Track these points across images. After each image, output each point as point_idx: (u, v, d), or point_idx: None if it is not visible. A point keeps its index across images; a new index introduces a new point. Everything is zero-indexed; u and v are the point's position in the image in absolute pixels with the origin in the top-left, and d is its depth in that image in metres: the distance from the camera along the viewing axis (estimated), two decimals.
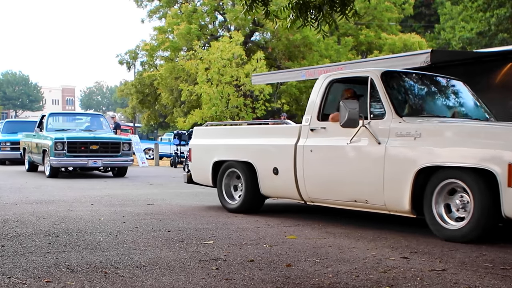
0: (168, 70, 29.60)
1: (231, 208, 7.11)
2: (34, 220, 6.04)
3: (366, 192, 5.64)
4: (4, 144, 19.28)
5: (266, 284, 3.55)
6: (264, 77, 16.31)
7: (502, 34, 26.67)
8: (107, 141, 13.52)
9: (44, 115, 14.94)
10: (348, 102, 5.55)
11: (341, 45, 29.62)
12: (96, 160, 13.13)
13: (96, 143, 13.27)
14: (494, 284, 3.62)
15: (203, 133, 7.99)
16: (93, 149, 13.17)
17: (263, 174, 6.72)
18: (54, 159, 12.67)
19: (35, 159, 14.42)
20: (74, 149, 12.94)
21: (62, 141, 12.80)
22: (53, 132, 13.78)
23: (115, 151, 13.43)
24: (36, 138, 14.41)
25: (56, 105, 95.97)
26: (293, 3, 6.44)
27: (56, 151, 12.66)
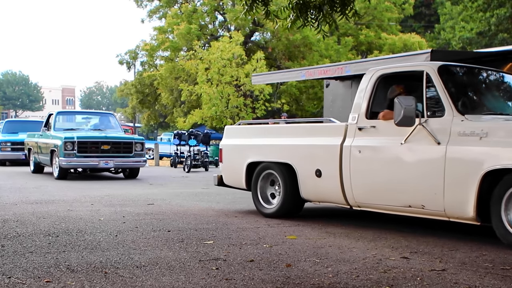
0: (168, 70, 29.62)
1: (267, 213, 6.66)
2: (34, 220, 6.04)
3: (423, 197, 5.17)
4: (5, 145, 18.67)
5: (266, 284, 3.55)
6: (264, 77, 16.32)
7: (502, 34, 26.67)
8: (119, 141, 12.80)
9: (51, 113, 14.27)
10: (404, 99, 5.10)
11: (341, 45, 29.64)
12: (107, 160, 12.44)
13: (108, 143, 12.55)
14: (494, 284, 3.62)
15: (235, 132, 7.50)
16: (105, 149, 12.47)
17: (304, 176, 6.25)
18: (64, 159, 12.05)
19: (42, 160, 13.82)
20: (85, 149, 12.29)
21: (72, 141, 12.16)
22: (62, 131, 13.17)
23: (127, 152, 12.74)
24: (43, 138, 13.79)
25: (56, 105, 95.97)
26: (293, 3, 6.45)
27: (65, 151, 12.04)
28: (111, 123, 14.62)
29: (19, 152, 17.95)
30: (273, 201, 6.75)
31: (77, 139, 12.22)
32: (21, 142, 17.86)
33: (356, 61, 15.32)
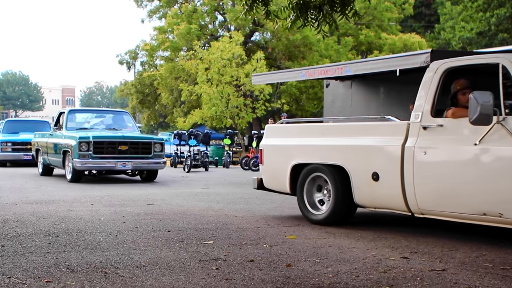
0: (168, 70, 29.61)
1: (315, 219, 6.14)
2: (34, 220, 6.04)
3: (501, 205, 4.66)
4: (5, 145, 17.96)
5: (266, 284, 3.55)
6: (264, 77, 16.29)
7: (502, 34, 26.67)
8: (138, 141, 12.03)
9: (63, 112, 13.41)
10: (480, 94, 4.62)
11: (341, 45, 29.64)
12: (125, 162, 11.61)
13: (125, 143, 11.73)
14: (494, 284, 3.62)
15: (278, 131, 6.96)
16: (122, 149, 11.65)
17: (359, 180, 5.69)
18: (78, 161, 11.26)
19: (52, 162, 12.95)
20: (101, 150, 11.51)
21: (87, 141, 11.38)
22: (75, 131, 12.32)
23: (146, 152, 11.94)
24: (54, 138, 12.91)
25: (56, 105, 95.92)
26: (293, 3, 6.45)
27: (80, 152, 11.25)
28: (126, 122, 13.65)
29: (20, 153, 17.63)
30: (322, 207, 6.20)
31: (93, 139, 11.45)
32: (22, 142, 17.58)
33: (356, 61, 15.28)
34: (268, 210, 7.26)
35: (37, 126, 19.15)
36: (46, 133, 14.28)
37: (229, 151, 19.97)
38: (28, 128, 18.73)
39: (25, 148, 17.50)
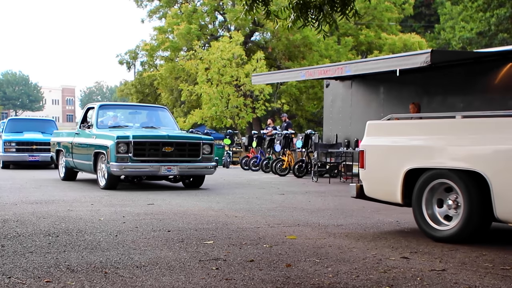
0: (168, 70, 29.62)
1: (439, 236, 5.11)
2: (34, 220, 6.04)
3: None
4: (9, 145, 16.52)
5: (266, 284, 3.55)
6: (264, 77, 16.37)
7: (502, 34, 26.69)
8: (185, 141, 10.41)
9: (91, 107, 11.68)
10: None
11: (341, 45, 29.65)
12: (170, 166, 9.96)
13: (170, 144, 10.07)
14: (494, 284, 3.62)
15: (385, 129, 5.84)
16: (166, 151, 10.01)
17: (502, 189, 4.63)
18: (116, 165, 9.65)
19: (78, 165, 11.32)
20: (142, 152, 9.88)
21: (127, 141, 9.74)
22: (108, 129, 10.77)
23: (194, 155, 10.34)
24: (81, 137, 11.25)
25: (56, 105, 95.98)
26: (293, 3, 6.44)
27: (118, 155, 9.65)
28: (164, 118, 11.82)
29: (25, 153, 16.50)
30: (444, 220, 5.18)
31: (133, 138, 9.79)
32: (28, 142, 16.61)
33: (356, 61, 15.37)
34: (268, 210, 7.26)
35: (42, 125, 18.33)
36: (71, 132, 12.57)
37: (229, 151, 19.98)
38: (32, 127, 17.80)
39: (30, 149, 16.56)
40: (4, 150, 16.49)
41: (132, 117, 11.97)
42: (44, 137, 16.54)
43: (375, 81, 13.34)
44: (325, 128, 15.34)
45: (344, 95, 14.43)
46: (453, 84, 11.23)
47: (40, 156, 16.34)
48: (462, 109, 11.01)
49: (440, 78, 11.55)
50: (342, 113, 14.45)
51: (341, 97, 14.52)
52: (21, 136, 16.86)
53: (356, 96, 14.02)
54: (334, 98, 14.80)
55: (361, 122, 13.60)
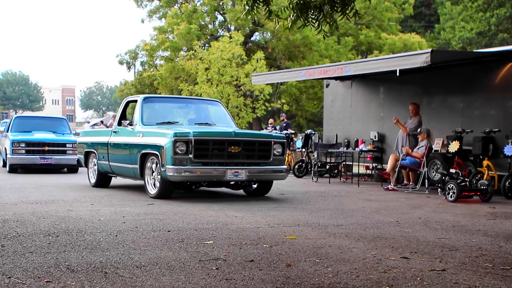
0: (168, 70, 29.61)
1: None
2: (34, 220, 6.04)
3: None
4: (18, 146, 14.33)
5: (266, 284, 3.55)
6: (264, 77, 16.37)
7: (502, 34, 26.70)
8: (254, 139, 8.71)
9: (132, 100, 10.24)
10: None
11: (341, 45, 29.64)
12: (238, 170, 8.30)
13: (237, 143, 8.43)
14: (494, 284, 3.62)
15: None
16: (233, 152, 8.36)
17: None
18: (173, 168, 7.98)
19: (117, 169, 9.73)
20: (205, 153, 8.23)
21: (186, 139, 8.10)
22: (156, 126, 9.14)
23: (264, 156, 8.68)
24: (122, 135, 9.63)
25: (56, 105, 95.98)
26: (293, 3, 6.44)
27: (176, 156, 8.02)
28: (218, 114, 10.31)
29: (36, 156, 14.35)
30: None
31: (194, 136, 8.16)
32: (39, 142, 14.52)
33: (356, 61, 15.36)
34: (268, 210, 7.26)
35: (53, 123, 16.31)
36: (106, 130, 11.19)
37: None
38: (42, 125, 15.75)
39: (41, 150, 14.42)
40: (12, 152, 14.30)
41: (181, 112, 10.37)
42: (57, 137, 14.95)
43: (375, 81, 13.34)
44: (325, 128, 15.35)
45: (344, 95, 14.43)
46: (453, 84, 11.23)
47: (53, 159, 14.40)
48: (462, 109, 11.01)
49: (440, 78, 11.55)
50: (342, 113, 14.45)
51: (341, 97, 14.52)
52: (30, 136, 14.82)
53: (356, 96, 14.03)
54: (334, 98, 14.81)
55: (361, 122, 13.67)
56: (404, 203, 8.49)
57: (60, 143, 14.58)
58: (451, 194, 8.73)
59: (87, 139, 11.26)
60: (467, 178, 9.14)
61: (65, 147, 14.63)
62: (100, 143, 10.40)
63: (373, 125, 13.23)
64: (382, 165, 12.64)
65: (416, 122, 11.18)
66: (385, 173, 11.35)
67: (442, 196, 9.17)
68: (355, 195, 9.54)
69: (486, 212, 7.51)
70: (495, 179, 9.67)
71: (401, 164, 10.75)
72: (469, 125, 10.46)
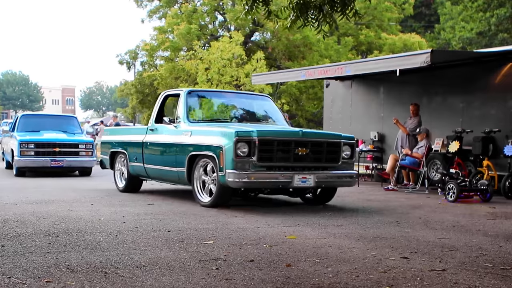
0: (168, 70, 29.60)
1: None
2: (34, 220, 6.04)
3: None
4: (26, 147, 13.04)
5: (266, 284, 3.55)
6: (264, 77, 16.36)
7: (502, 34, 26.70)
8: (322, 140, 7.63)
9: (173, 94, 9.12)
10: None
11: (341, 45, 29.64)
12: (305, 175, 7.26)
13: (305, 144, 7.36)
14: (494, 284, 3.62)
15: None
16: (300, 154, 7.31)
17: None
18: (234, 173, 6.93)
19: (155, 172, 8.67)
20: (269, 155, 7.16)
21: (249, 139, 7.04)
22: (205, 123, 8.29)
23: (332, 159, 7.63)
24: (162, 134, 8.56)
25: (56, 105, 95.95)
26: (293, 3, 6.44)
27: (238, 159, 6.96)
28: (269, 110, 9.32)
29: (46, 158, 13.12)
30: None
31: (259, 136, 7.08)
32: (49, 143, 13.30)
33: (356, 61, 15.35)
34: (268, 210, 7.26)
35: (62, 122, 15.15)
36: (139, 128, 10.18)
37: None
38: (50, 125, 14.55)
39: (52, 152, 13.21)
40: (20, 154, 12.97)
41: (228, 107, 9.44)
42: (69, 137, 13.82)
43: (375, 81, 13.33)
44: (325, 128, 15.34)
45: (344, 95, 14.43)
46: (453, 84, 11.23)
47: (65, 161, 13.21)
48: (462, 109, 11.01)
49: (440, 78, 11.55)
50: (342, 113, 14.45)
51: (341, 97, 14.52)
52: (40, 136, 13.61)
53: (356, 96, 14.02)
54: (334, 98, 14.81)
55: (361, 122, 13.66)
56: (404, 203, 8.49)
57: (73, 143, 13.52)
58: (451, 194, 8.73)
59: (113, 137, 10.12)
60: (467, 178, 9.15)
61: (77, 148, 13.48)
62: (131, 142, 9.30)
63: (373, 125, 13.22)
64: (382, 165, 12.64)
65: (416, 122, 11.19)
66: (385, 173, 11.36)
67: (442, 196, 9.16)
68: (355, 195, 9.55)
69: (486, 212, 7.52)
70: (495, 179, 9.66)
71: (400, 164, 10.76)
72: (469, 125, 10.45)
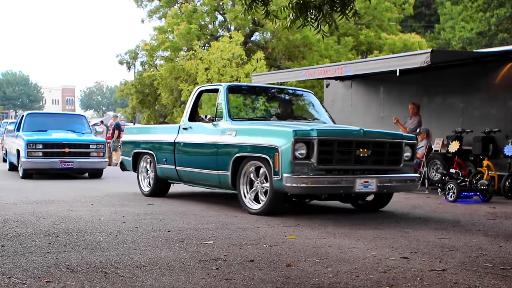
0: (168, 70, 29.61)
1: None
2: (34, 220, 6.04)
3: None
4: (33, 147, 12.25)
5: (266, 284, 3.55)
6: (264, 77, 16.37)
7: (502, 34, 26.70)
8: (384, 140, 6.91)
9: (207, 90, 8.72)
10: None
11: (341, 45, 29.64)
12: (367, 179, 6.54)
13: (366, 145, 6.66)
14: (494, 284, 3.62)
15: None
16: (361, 156, 6.62)
17: None
18: (291, 178, 6.22)
19: (190, 175, 7.99)
20: (329, 157, 6.47)
21: (308, 139, 6.35)
22: (248, 122, 7.82)
23: (393, 161, 6.97)
24: (199, 133, 7.89)
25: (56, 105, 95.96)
26: (293, 3, 6.43)
27: (297, 161, 6.26)
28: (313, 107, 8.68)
29: (55, 159, 12.29)
30: None
31: (319, 135, 6.37)
32: (58, 144, 12.47)
33: (356, 61, 15.36)
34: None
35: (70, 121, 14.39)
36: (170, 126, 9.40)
37: None
38: (58, 124, 13.75)
39: (61, 153, 12.39)
40: (27, 155, 12.15)
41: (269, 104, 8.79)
42: (79, 137, 13.07)
43: (375, 81, 13.33)
44: None
45: (344, 95, 14.43)
46: (453, 84, 11.22)
47: (75, 163, 12.41)
48: (462, 109, 11.01)
49: (440, 78, 11.54)
50: (342, 113, 14.44)
51: (341, 97, 14.52)
52: (48, 136, 12.82)
53: (356, 96, 14.02)
54: (334, 98, 14.80)
55: (361, 122, 13.64)
56: (404, 203, 8.49)
57: (83, 144, 12.72)
58: (451, 194, 8.73)
59: (137, 137, 9.33)
60: (467, 178, 9.15)
61: (88, 149, 12.67)
62: (160, 142, 8.56)
63: (373, 125, 13.20)
64: None
65: (416, 122, 11.18)
66: None
67: (442, 196, 9.16)
68: None
69: (486, 212, 7.51)
70: (495, 179, 9.66)
71: None
72: (469, 125, 10.45)
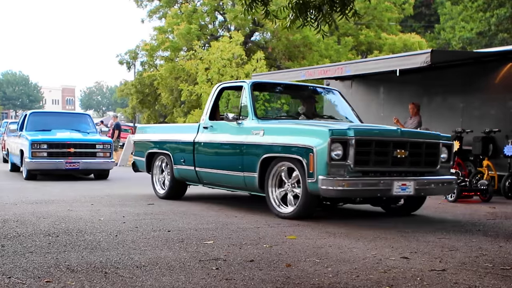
0: (168, 70, 29.61)
1: None
2: (34, 220, 6.04)
3: None
4: (38, 147, 11.80)
5: (266, 284, 3.55)
6: (264, 77, 16.34)
7: (502, 34, 26.70)
8: (421, 140, 6.58)
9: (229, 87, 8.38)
10: None
11: (341, 45, 29.65)
12: (405, 182, 6.24)
13: (404, 145, 6.33)
14: (494, 284, 3.62)
15: None
16: (399, 158, 6.30)
17: None
18: (327, 180, 5.86)
19: (212, 177, 7.58)
20: (366, 158, 6.11)
21: (344, 139, 5.98)
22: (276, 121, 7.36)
23: (430, 163, 6.65)
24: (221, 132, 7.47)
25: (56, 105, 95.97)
26: (292, 3, 6.44)
27: (333, 162, 5.89)
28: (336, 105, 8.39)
29: (61, 160, 11.90)
30: None
31: (356, 135, 6.00)
32: (63, 143, 12.07)
33: (356, 61, 15.36)
34: (268, 210, 7.25)
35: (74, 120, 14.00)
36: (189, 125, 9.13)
37: None
38: (62, 123, 13.39)
39: (67, 153, 11.99)
40: (31, 155, 11.69)
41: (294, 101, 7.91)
42: (85, 137, 12.70)
43: (375, 81, 13.33)
44: None
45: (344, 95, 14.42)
46: (453, 84, 11.22)
47: (81, 163, 12.01)
48: (462, 109, 11.01)
49: (440, 78, 11.54)
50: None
51: None
52: (53, 135, 12.44)
53: (356, 96, 14.01)
54: None
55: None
56: None
57: (89, 143, 12.36)
58: (451, 194, 8.72)
59: (151, 136, 8.91)
60: (467, 178, 9.14)
61: (95, 149, 12.30)
62: (178, 142, 8.18)
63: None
64: None
65: (416, 122, 11.18)
66: None
67: (442, 196, 9.16)
68: None
69: (486, 212, 7.51)
70: (495, 179, 9.66)
71: None
72: (469, 125, 10.45)
